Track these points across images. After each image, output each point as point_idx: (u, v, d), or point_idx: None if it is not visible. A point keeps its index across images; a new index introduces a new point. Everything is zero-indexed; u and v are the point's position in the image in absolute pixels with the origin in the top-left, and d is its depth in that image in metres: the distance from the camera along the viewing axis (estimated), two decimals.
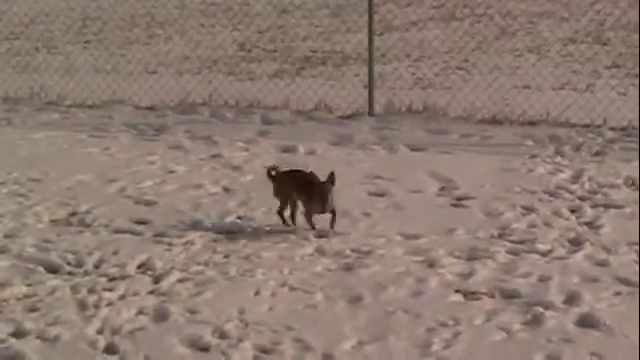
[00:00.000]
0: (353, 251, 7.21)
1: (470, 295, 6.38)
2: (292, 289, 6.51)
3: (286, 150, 10.35)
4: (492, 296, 6.35)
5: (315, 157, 10.07)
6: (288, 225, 7.77)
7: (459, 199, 8.50)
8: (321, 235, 7.56)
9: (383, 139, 10.62)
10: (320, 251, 7.23)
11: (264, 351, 5.55)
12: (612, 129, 10.62)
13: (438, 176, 9.12)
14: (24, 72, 15.06)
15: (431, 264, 6.93)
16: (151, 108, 12.66)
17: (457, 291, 6.45)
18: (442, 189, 8.80)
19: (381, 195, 8.65)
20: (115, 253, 7.20)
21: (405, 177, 9.12)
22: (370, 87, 11.88)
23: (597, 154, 9.77)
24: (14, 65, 15.81)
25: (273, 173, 7.98)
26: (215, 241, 7.47)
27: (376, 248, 7.25)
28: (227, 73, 14.92)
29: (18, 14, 18.89)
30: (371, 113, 11.74)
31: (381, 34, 16.62)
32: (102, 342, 5.64)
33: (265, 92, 12.82)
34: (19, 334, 5.77)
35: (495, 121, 11.22)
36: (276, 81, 14.05)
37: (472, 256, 7.06)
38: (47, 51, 17.07)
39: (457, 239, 7.46)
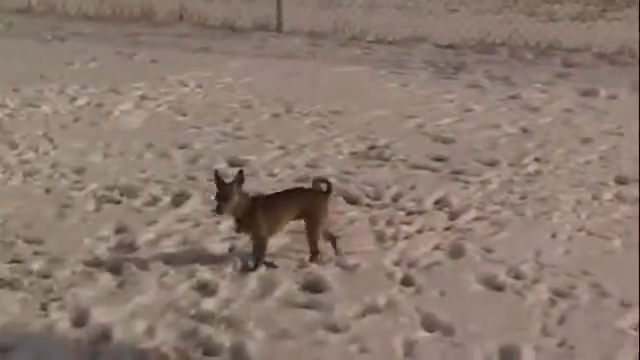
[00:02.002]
0: None
1: None
2: (589, 234, 6.38)
3: (586, 94, 10.15)
4: None
5: (616, 103, 9.82)
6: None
7: None
8: (621, 182, 7.38)
9: None
10: (620, 197, 7.05)
11: (559, 294, 5.46)
12: None
13: None
14: (328, 7, 15.44)
15: None
16: (450, 46, 12.72)
17: None
18: None
19: None
20: (412, 188, 7.29)
21: None
22: None
23: None
24: (319, 0, 16.22)
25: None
26: (512, 182, 7.45)
27: None
28: (528, 13, 14.75)
29: None
30: None
31: None
32: (399, 274, 5.72)
33: (566, 34, 12.58)
34: (320, 260, 5.94)
35: None
36: (577, 23, 13.77)
37: None
38: None
39: None
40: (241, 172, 5.68)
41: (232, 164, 7.95)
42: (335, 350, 4.81)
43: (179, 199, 7.07)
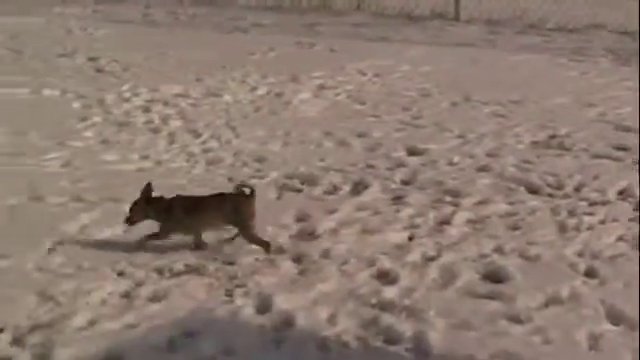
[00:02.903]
0: None
1: None
2: None
3: None
4: None
5: None
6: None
7: None
8: None
9: None
10: None
11: None
12: None
13: None
14: None
15: None
16: (632, 34, 12.40)
17: None
18: None
19: None
20: (595, 178, 7.15)
21: None
22: None
23: None
24: None
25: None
26: None
27: None
28: None
29: None
30: None
31: None
32: (582, 265, 5.61)
33: None
34: (500, 251, 5.90)
35: None
36: None
37: None
38: None
39: None
40: (148, 185, 5.91)
41: (411, 152, 7.96)
42: (517, 341, 4.75)
43: (359, 187, 7.11)
